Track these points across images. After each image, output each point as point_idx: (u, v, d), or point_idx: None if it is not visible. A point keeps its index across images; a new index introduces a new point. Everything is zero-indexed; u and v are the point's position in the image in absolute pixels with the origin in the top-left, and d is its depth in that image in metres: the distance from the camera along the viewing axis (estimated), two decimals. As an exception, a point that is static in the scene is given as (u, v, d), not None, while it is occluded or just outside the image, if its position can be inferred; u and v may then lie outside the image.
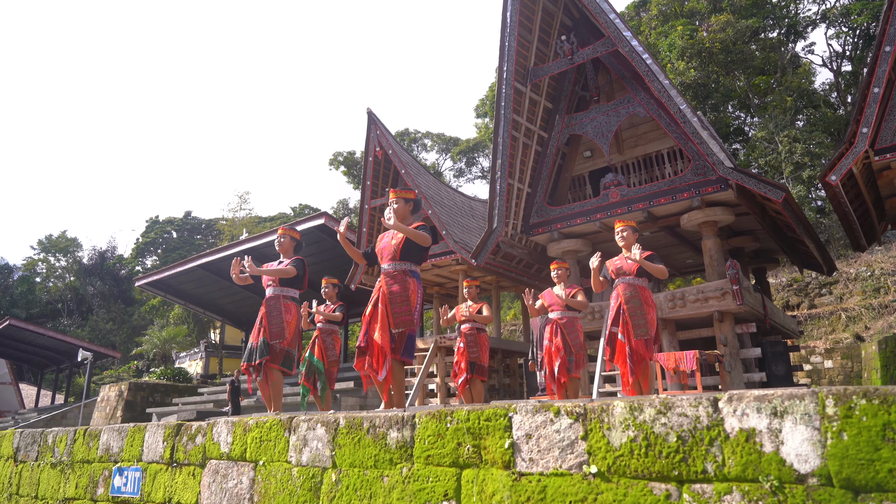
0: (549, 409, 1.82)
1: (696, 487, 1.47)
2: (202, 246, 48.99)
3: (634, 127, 11.81)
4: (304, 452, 2.46)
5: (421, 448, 2.12)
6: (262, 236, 17.99)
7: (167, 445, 3.22)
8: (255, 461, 2.64)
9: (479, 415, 1.98)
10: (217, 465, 2.84)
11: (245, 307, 23.45)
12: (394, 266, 4.00)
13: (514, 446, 1.88)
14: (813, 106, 24.80)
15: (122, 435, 3.58)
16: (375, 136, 13.67)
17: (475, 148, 36.21)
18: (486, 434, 1.95)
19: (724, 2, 25.20)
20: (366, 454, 2.23)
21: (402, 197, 4.23)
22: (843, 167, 9.00)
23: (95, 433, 3.87)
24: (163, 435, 3.28)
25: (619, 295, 4.76)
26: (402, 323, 3.83)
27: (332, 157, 35.78)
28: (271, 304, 4.63)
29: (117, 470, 3.43)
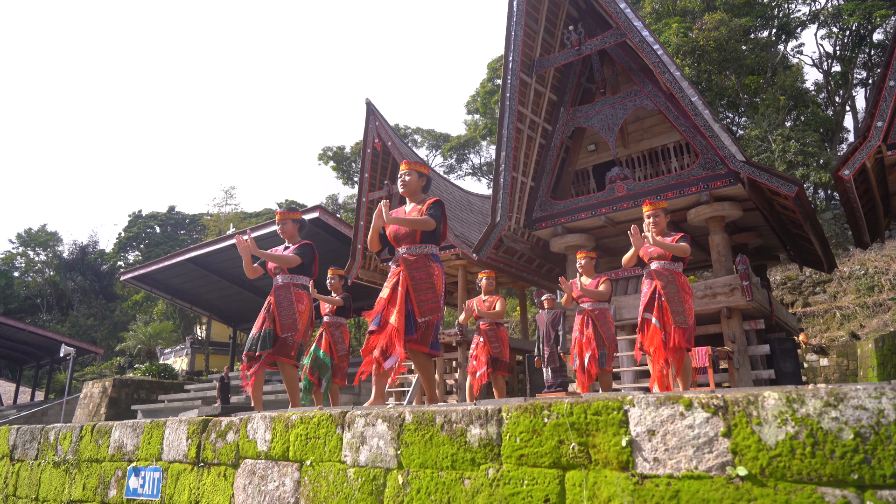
0: (677, 402, 1.57)
1: (884, 494, 1.23)
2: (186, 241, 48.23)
3: (640, 121, 11.63)
4: (362, 451, 2.19)
5: (511, 446, 1.86)
6: (255, 230, 17.58)
7: (192, 443, 2.92)
8: (301, 461, 2.36)
9: (586, 408, 1.73)
10: (254, 466, 2.55)
11: (233, 302, 22.99)
12: (413, 250, 3.63)
13: (633, 444, 1.63)
14: (805, 105, 24.92)
15: (137, 431, 3.27)
16: (374, 127, 13.36)
17: (466, 144, 35.97)
18: (594, 430, 1.70)
19: (718, 0, 25.20)
20: (440, 453, 1.97)
21: (415, 170, 3.86)
22: (856, 161, 8.89)
23: (105, 429, 3.54)
24: (186, 431, 2.98)
25: (655, 279, 4.51)
26: (429, 311, 3.53)
27: (322, 152, 35.34)
28: (281, 294, 4.31)
29: (133, 470, 3.12)
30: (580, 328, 6.21)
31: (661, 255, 4.55)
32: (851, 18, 23.45)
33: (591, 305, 6.22)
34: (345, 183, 36.38)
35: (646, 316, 4.58)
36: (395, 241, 3.70)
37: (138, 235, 49.83)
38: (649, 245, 4.65)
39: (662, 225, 4.70)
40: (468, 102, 36.37)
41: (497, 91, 33.97)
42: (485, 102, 34.66)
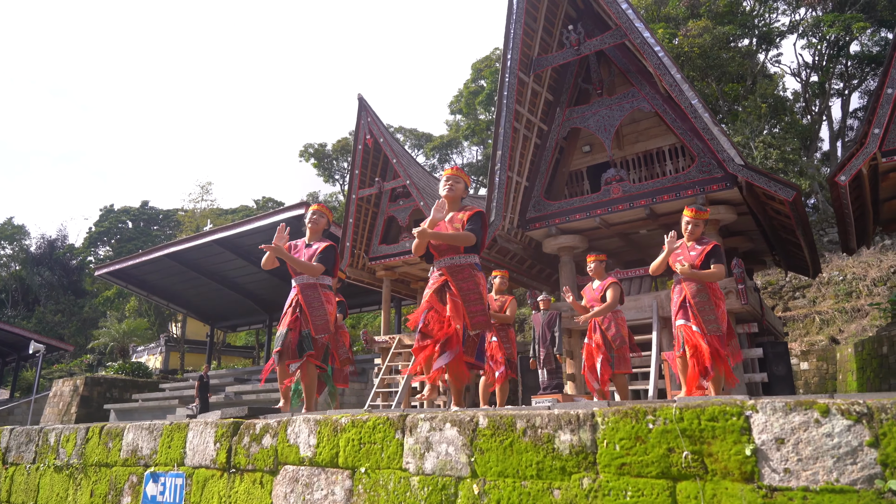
0: (810, 408, 1.45)
1: None
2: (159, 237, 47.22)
3: (635, 123, 11.63)
4: (428, 458, 2.02)
5: (610, 454, 1.71)
6: (237, 225, 17.21)
7: (221, 447, 2.70)
8: (353, 468, 2.18)
9: (698, 413, 1.59)
10: (296, 473, 2.36)
11: (212, 300, 22.53)
12: (459, 260, 3.52)
13: (758, 453, 1.50)
14: (784, 113, 25.35)
15: (154, 434, 3.04)
16: (366, 123, 13.14)
17: (448, 145, 35.86)
18: (710, 438, 1.56)
19: (702, 8, 25.50)
20: (523, 461, 1.81)
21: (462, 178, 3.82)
22: (852, 168, 8.98)
23: (117, 431, 3.29)
24: (214, 434, 2.76)
25: (684, 289, 4.44)
26: (478, 324, 3.47)
27: (303, 149, 34.88)
28: (310, 295, 4.12)
29: (150, 476, 2.88)
30: (588, 334, 6.16)
31: (691, 264, 4.49)
32: (831, 29, 23.91)
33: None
34: (326, 181, 35.97)
35: (679, 323, 4.51)
36: (437, 250, 3.60)
37: (110, 230, 48.62)
38: (683, 252, 4.58)
39: (698, 234, 4.67)
40: (451, 102, 36.27)
41: (481, 92, 33.93)
42: (468, 103, 34.58)
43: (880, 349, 13.34)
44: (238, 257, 18.80)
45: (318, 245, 4.32)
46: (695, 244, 4.56)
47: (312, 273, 4.13)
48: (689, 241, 4.61)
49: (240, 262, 19.11)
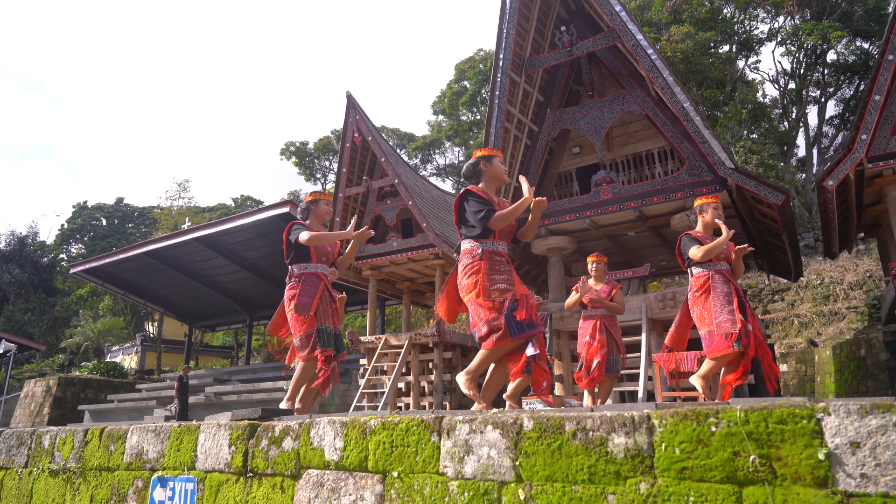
0: (888, 411, 1.41)
1: None
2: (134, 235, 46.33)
3: (625, 125, 11.67)
4: (468, 462, 1.93)
5: (668, 458, 1.65)
6: (219, 223, 16.91)
7: (237, 451, 2.58)
8: (384, 472, 2.08)
9: (765, 416, 1.54)
10: (321, 477, 2.26)
11: (191, 299, 22.13)
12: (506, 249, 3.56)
13: (832, 458, 1.45)
14: (763, 119, 25.76)
15: (161, 437, 2.89)
16: (354, 120, 13.00)
17: (431, 145, 35.78)
18: (778, 441, 1.51)
19: (685, 14, 25.80)
20: (572, 465, 1.74)
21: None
22: (840, 173, 9.12)
23: (119, 433, 3.14)
24: (228, 437, 2.64)
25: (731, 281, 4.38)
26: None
27: (284, 147, 34.50)
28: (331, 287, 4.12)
29: (158, 480, 2.74)
30: (592, 333, 6.09)
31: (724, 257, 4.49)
32: (809, 38, 24.36)
33: (604, 311, 6.12)
34: (307, 179, 35.64)
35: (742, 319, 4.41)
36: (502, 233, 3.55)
37: (83, 227, 47.54)
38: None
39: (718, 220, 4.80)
40: (434, 103, 36.20)
41: (464, 93, 33.91)
42: (451, 104, 34.54)
43: (858, 352, 13.57)
44: (219, 255, 18.49)
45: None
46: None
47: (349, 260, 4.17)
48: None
49: (221, 260, 18.80)
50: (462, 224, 3.39)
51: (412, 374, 13.11)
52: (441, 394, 12.68)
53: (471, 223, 3.35)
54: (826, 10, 25.88)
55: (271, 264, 19.13)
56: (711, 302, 4.32)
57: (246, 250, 18.43)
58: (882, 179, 9.28)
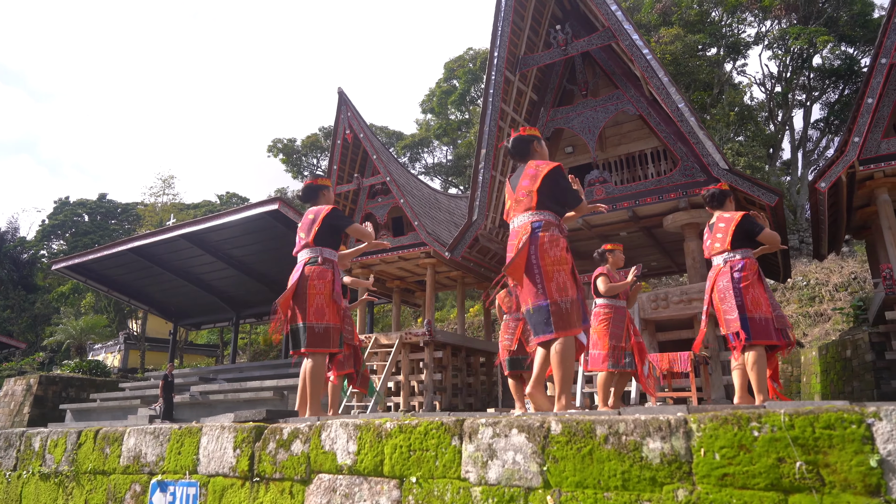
0: (943, 415, 1.36)
1: None
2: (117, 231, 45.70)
3: (618, 125, 11.66)
4: (492, 467, 1.86)
5: (708, 464, 1.59)
6: (207, 220, 16.66)
7: (242, 454, 2.47)
8: (401, 477, 2.00)
9: (811, 421, 1.48)
10: (333, 482, 2.16)
11: (177, 296, 21.81)
12: None
13: (885, 465, 1.40)
14: (750, 122, 25.97)
15: (160, 439, 2.77)
16: (346, 117, 12.87)
17: (420, 144, 35.66)
18: (827, 447, 1.45)
19: (674, 16, 25.94)
20: (605, 471, 1.67)
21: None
22: (832, 175, 9.16)
23: (115, 436, 3.01)
24: (233, 440, 2.53)
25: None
26: None
27: (272, 144, 34.17)
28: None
29: (157, 484, 2.63)
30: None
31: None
32: (796, 42, 24.59)
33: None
34: (294, 177, 35.35)
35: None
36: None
37: (64, 223, 46.78)
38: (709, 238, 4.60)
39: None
40: (423, 101, 36.09)
41: (454, 92, 33.83)
42: (441, 102, 34.44)
43: (844, 352, 13.68)
44: (206, 253, 18.23)
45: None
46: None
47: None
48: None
49: (207, 257, 18.54)
50: (551, 196, 3.25)
51: (402, 373, 13.02)
52: (431, 393, 12.61)
53: (565, 200, 3.28)
54: (812, 15, 26.16)
55: (259, 262, 18.91)
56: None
57: (233, 248, 18.19)
58: (873, 182, 9.34)
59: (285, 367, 18.45)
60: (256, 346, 29.08)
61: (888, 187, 9.36)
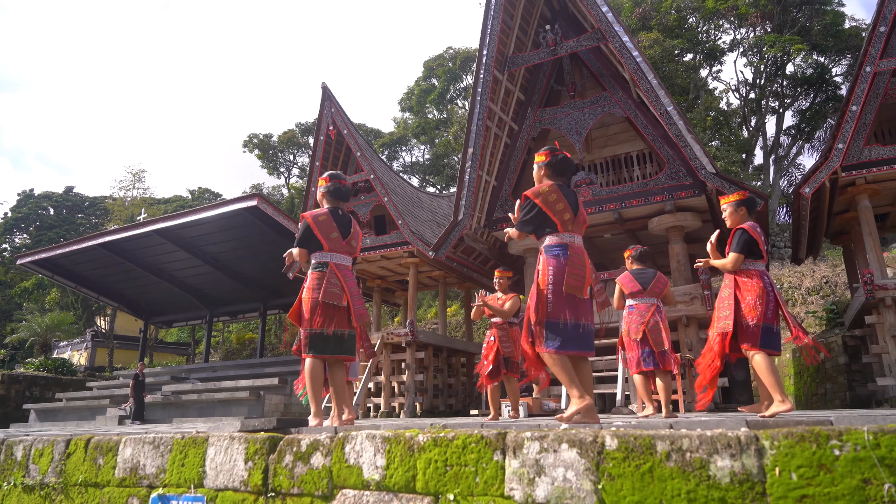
0: None
1: None
2: (84, 226, 44.43)
3: (605, 127, 11.67)
4: (540, 485, 1.73)
5: (784, 485, 1.49)
6: (182, 215, 16.24)
7: (255, 467, 2.30)
8: (436, 494, 1.86)
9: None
10: (359, 498, 2.01)
11: (148, 293, 21.24)
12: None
13: (985, 487, 1.32)
14: (725, 127, 26.38)
15: (161, 449, 2.58)
16: (330, 113, 12.64)
17: (398, 142, 35.44)
18: (918, 468, 1.37)
19: (654, 20, 26.20)
20: (667, 490, 1.56)
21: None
22: (816, 180, 9.27)
23: (109, 445, 2.80)
24: (244, 451, 2.36)
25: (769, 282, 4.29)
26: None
27: (247, 139, 33.59)
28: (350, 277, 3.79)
29: (158, 499, 2.43)
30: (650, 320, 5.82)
31: None
32: (772, 49, 25.04)
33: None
34: (270, 173, 34.81)
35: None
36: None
37: (28, 216, 45.26)
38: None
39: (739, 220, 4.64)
40: (402, 99, 35.87)
41: (433, 90, 33.69)
42: (420, 101, 34.27)
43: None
44: (180, 249, 17.78)
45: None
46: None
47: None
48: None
49: (182, 254, 18.08)
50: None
51: (383, 374, 12.84)
52: (413, 394, 12.46)
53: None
54: (787, 24, 26.68)
55: (235, 259, 18.51)
56: None
57: (209, 244, 17.77)
58: (854, 188, 9.48)
59: (260, 366, 18.11)
60: (229, 344, 28.53)
61: (869, 193, 9.51)
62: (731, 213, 4.53)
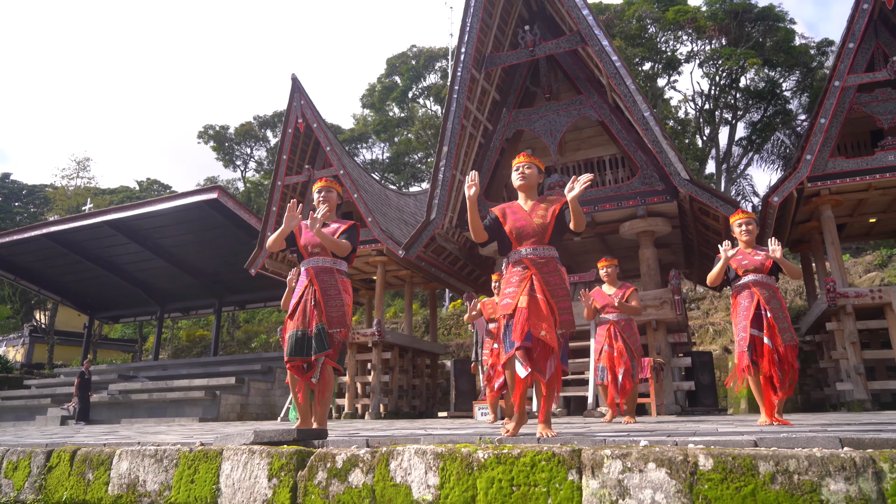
0: None
1: None
2: (22, 214, 42.13)
3: (578, 130, 11.70)
4: (624, 509, 1.58)
5: (910, 511, 1.38)
6: (136, 206, 15.51)
7: (281, 485, 2.05)
8: (510, 518, 1.69)
9: None
10: (407, 522, 1.82)
11: (94, 287, 20.23)
12: (544, 251, 3.20)
13: None
14: (683, 135, 27.06)
15: (164, 463, 2.28)
16: (299, 105, 12.26)
17: (358, 139, 34.95)
18: None
19: (616, 28, 26.62)
20: (774, 516, 1.44)
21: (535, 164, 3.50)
22: (785, 190, 9.50)
23: (100, 458, 2.47)
24: (267, 467, 2.10)
25: (756, 294, 4.23)
26: (565, 323, 3.12)
27: (202, 130, 32.44)
28: (326, 281, 3.46)
29: (162, 520, 2.17)
30: (608, 341, 5.90)
31: (757, 268, 4.32)
32: (728, 62, 25.81)
33: (615, 317, 5.95)
34: (226, 165, 33.72)
35: (754, 333, 4.23)
36: (518, 238, 3.21)
37: (-41, 203, 42.63)
38: (745, 255, 4.41)
39: (755, 234, 4.55)
40: (364, 96, 35.40)
41: (395, 88, 33.38)
42: (381, 98, 33.89)
43: (771, 359, 14.25)
44: (132, 241, 16.99)
45: (337, 224, 3.64)
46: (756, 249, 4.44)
47: (341, 251, 3.49)
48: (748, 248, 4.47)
49: (134, 246, 17.28)
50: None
51: (348, 374, 12.54)
52: (378, 395, 12.21)
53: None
54: (742, 39, 27.56)
55: (191, 254, 17.82)
56: None
57: (164, 237, 17.04)
58: (819, 199, 9.77)
59: (215, 365, 17.47)
60: (178, 341, 27.49)
61: (832, 204, 9.82)
62: (754, 227, 4.53)
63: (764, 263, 4.32)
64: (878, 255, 20.45)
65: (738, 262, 4.39)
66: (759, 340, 4.19)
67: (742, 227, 4.52)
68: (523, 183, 3.42)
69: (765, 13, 27.40)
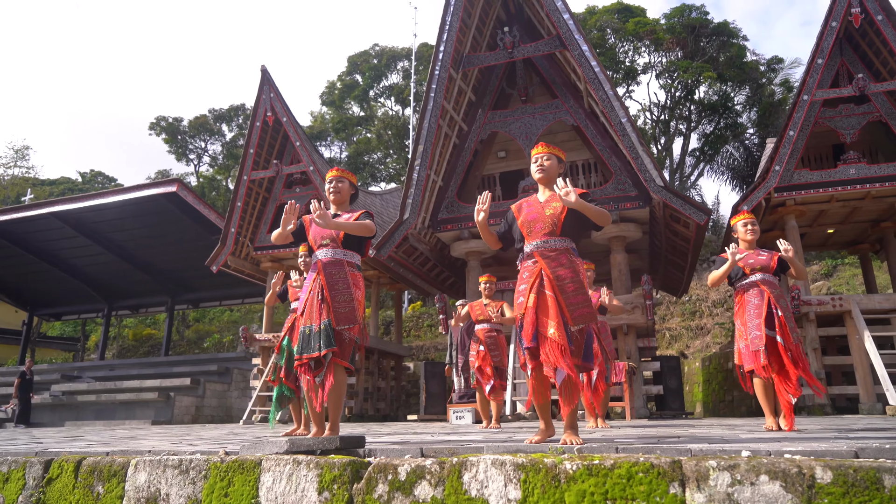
0: None
1: None
2: (-49, 203, 39.63)
3: (552, 134, 11.74)
4: (736, 527, 1.47)
5: None
6: (86, 198, 14.71)
7: (334, 498, 1.85)
8: (596, 538, 1.56)
9: None
10: (488, 540, 1.66)
11: (37, 282, 19.12)
12: (555, 243, 3.06)
13: None
14: (641, 145, 27.66)
15: (191, 474, 2.04)
16: (268, 98, 11.87)
17: (316, 137, 34.31)
18: None
19: (579, 36, 26.98)
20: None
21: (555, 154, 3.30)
22: (754, 199, 9.75)
23: (112, 468, 2.20)
24: (317, 479, 1.90)
25: (766, 292, 4.20)
26: (581, 317, 2.95)
27: (154, 122, 31.17)
28: (334, 274, 3.22)
29: (193, 538, 1.93)
30: None
31: (764, 267, 4.32)
32: (685, 75, 26.57)
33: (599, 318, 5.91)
34: (179, 159, 32.52)
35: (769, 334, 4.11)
36: (529, 231, 3.08)
37: None
38: (750, 255, 4.39)
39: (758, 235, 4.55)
40: (324, 93, 34.79)
41: (357, 86, 32.97)
42: (342, 96, 33.41)
43: (726, 364, 14.71)
44: (80, 235, 16.12)
45: (350, 215, 3.42)
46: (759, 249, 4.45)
47: (365, 232, 3.26)
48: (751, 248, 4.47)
49: (82, 240, 16.40)
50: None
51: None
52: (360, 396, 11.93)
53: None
54: (697, 53, 28.44)
55: (144, 248, 17.04)
56: None
57: (115, 231, 16.24)
58: (784, 209, 10.08)
59: (167, 365, 16.75)
60: (124, 340, 26.31)
61: (796, 214, 10.14)
62: (758, 227, 4.54)
63: (769, 263, 4.34)
64: (823, 265, 21.41)
65: (744, 262, 4.40)
66: (772, 340, 4.18)
67: (747, 226, 4.54)
68: (542, 175, 3.26)
69: (720, 29, 28.36)
